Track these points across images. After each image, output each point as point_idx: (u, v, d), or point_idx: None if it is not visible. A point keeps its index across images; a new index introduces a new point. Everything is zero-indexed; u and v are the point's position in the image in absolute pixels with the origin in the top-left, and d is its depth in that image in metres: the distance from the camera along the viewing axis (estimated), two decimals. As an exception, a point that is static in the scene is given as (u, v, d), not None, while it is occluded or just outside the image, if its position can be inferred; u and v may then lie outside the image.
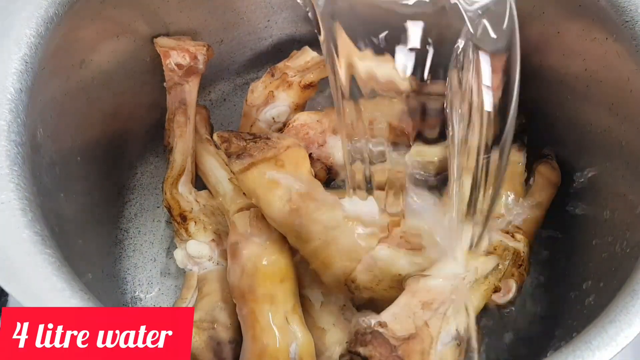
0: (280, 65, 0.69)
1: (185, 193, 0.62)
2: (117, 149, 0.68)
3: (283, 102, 0.67)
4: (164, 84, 0.65)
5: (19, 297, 0.40)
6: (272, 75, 0.68)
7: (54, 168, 0.54)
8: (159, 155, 0.69)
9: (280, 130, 0.65)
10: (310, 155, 0.61)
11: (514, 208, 0.62)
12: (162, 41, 0.65)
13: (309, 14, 0.43)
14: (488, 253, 0.52)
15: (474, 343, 0.49)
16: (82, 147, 0.61)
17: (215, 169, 0.62)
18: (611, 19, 0.53)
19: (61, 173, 0.56)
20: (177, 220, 0.61)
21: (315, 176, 0.53)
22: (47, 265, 0.42)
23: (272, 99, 0.66)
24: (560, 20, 0.60)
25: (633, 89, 0.53)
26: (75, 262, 0.54)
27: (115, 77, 0.64)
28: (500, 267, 0.51)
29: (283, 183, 0.50)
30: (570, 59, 0.61)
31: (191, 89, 0.65)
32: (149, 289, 0.62)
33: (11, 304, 0.69)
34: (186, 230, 0.60)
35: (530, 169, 0.65)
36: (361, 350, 0.42)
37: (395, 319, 0.45)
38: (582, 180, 0.63)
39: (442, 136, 0.65)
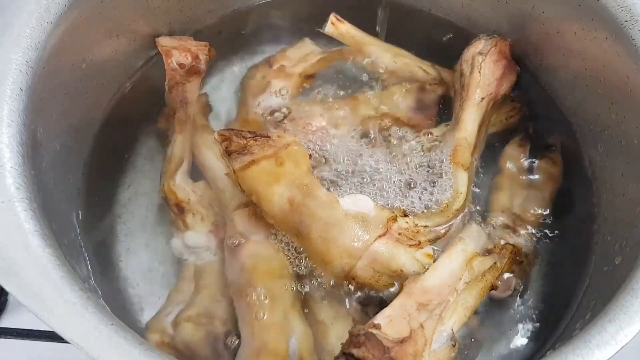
0: (279, 55, 0.69)
1: (182, 184, 0.61)
2: (113, 137, 0.67)
3: (281, 91, 0.67)
4: (165, 83, 0.65)
5: (19, 296, 0.40)
6: (270, 66, 0.68)
7: (54, 167, 0.54)
8: (152, 137, 0.68)
9: (281, 121, 0.65)
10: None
11: (517, 201, 0.62)
12: (163, 41, 0.65)
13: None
14: (486, 251, 0.52)
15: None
16: (82, 145, 0.61)
17: (214, 162, 0.62)
18: (611, 18, 0.53)
19: (61, 172, 0.56)
20: (175, 212, 0.60)
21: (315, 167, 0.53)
22: (47, 264, 0.42)
23: (270, 87, 0.67)
24: (560, 20, 0.60)
25: (632, 89, 0.53)
26: (72, 255, 0.54)
27: (116, 77, 0.64)
28: (497, 264, 0.51)
29: (283, 181, 0.50)
30: (570, 58, 0.61)
31: (192, 88, 0.65)
32: (142, 276, 0.61)
33: (11, 302, 0.69)
34: (183, 221, 0.59)
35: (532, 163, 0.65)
36: (354, 351, 0.42)
37: (390, 321, 0.45)
38: (582, 179, 0.63)
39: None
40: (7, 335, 0.62)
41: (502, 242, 0.56)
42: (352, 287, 0.50)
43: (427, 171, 0.64)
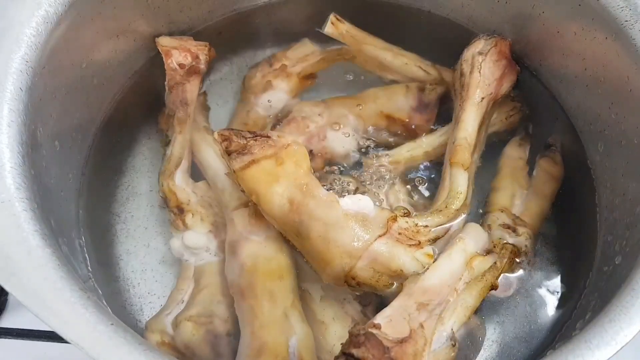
0: (279, 55, 0.69)
1: (182, 184, 0.61)
2: (113, 137, 0.67)
3: (281, 91, 0.67)
4: (165, 83, 0.65)
5: (19, 296, 0.40)
6: (271, 66, 0.68)
7: (54, 167, 0.54)
8: (152, 137, 0.68)
9: (280, 120, 0.65)
10: (310, 151, 0.62)
11: (517, 201, 0.61)
12: (164, 40, 0.65)
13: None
14: (486, 251, 0.52)
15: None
16: (82, 145, 0.61)
17: (213, 161, 0.62)
18: (611, 18, 0.53)
19: (61, 172, 0.56)
20: (174, 212, 0.60)
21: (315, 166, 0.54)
22: (47, 264, 0.42)
23: (270, 87, 0.67)
24: (560, 20, 0.60)
25: (632, 89, 0.53)
26: (72, 255, 0.54)
27: (115, 77, 0.64)
28: (497, 264, 0.51)
29: (283, 181, 0.50)
30: (570, 58, 0.61)
31: (192, 88, 0.65)
32: (142, 276, 0.61)
33: (11, 302, 0.69)
34: (183, 221, 0.59)
35: (534, 161, 0.65)
36: (354, 351, 0.42)
37: (390, 320, 0.45)
38: (582, 179, 0.63)
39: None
40: (7, 335, 0.62)
41: (502, 242, 0.56)
42: (351, 287, 0.50)
43: (427, 171, 0.64)
